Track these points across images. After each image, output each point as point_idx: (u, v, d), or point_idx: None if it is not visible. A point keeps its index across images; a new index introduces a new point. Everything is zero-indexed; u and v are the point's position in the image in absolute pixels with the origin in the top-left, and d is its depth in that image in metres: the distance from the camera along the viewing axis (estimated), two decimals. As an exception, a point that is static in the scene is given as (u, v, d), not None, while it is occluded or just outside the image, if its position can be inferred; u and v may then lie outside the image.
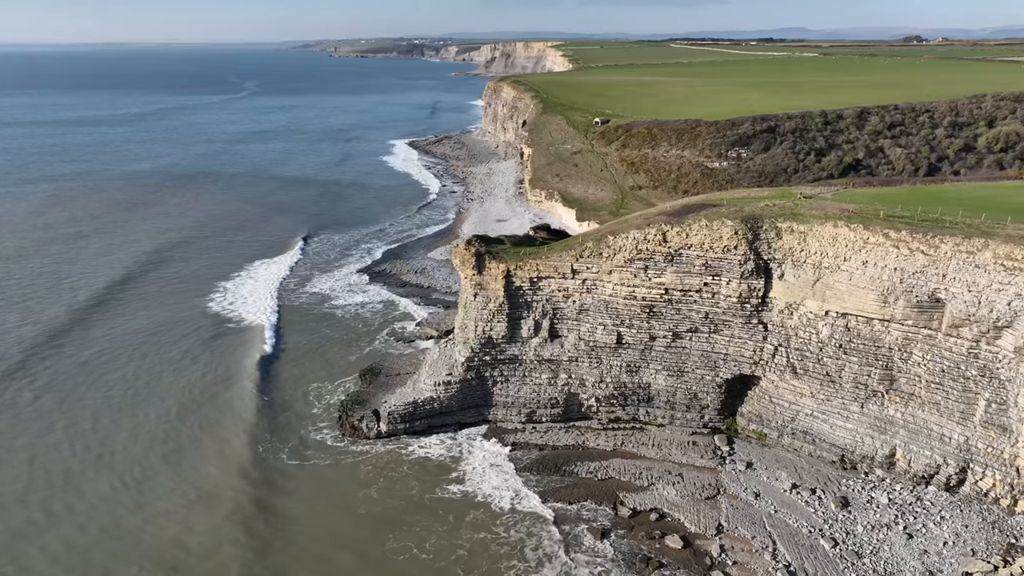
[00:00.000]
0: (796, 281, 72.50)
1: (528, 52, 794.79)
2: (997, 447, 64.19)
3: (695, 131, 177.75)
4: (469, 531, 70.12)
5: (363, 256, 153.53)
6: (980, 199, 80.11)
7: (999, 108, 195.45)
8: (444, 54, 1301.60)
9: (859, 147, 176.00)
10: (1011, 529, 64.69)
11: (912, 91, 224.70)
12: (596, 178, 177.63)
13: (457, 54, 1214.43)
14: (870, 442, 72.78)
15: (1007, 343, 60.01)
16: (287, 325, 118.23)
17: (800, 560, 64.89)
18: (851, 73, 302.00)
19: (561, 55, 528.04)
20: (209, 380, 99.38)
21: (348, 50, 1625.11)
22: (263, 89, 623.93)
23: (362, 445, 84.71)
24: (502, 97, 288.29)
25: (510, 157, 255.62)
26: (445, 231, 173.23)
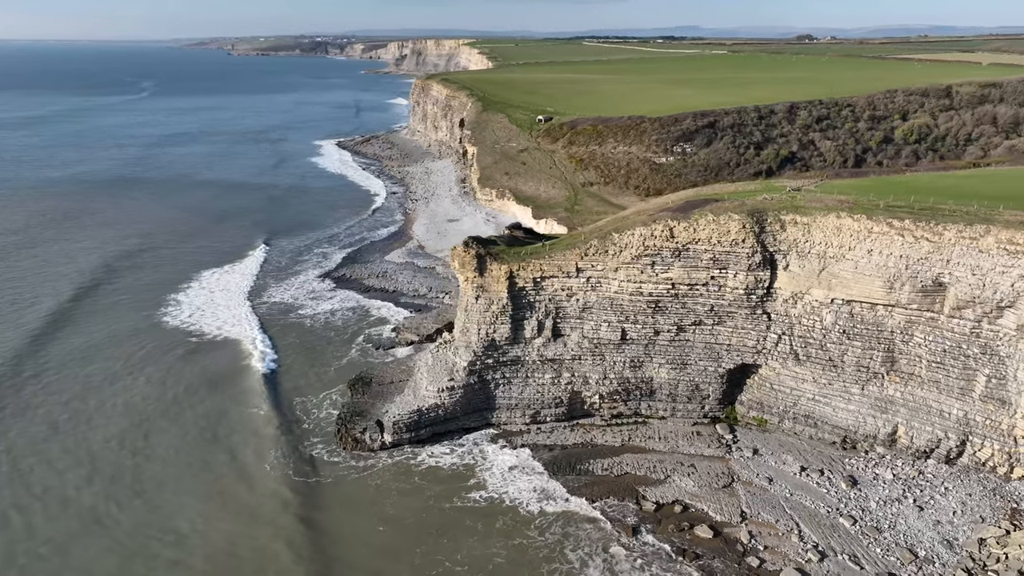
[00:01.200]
0: (801, 271, 75.43)
1: (440, 50, 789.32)
2: (995, 419, 68.96)
3: (640, 127, 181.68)
4: (502, 538, 69.15)
5: (319, 262, 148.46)
6: (947, 188, 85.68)
7: (910, 102, 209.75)
8: (349, 52, 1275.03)
9: (792, 140, 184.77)
10: (1010, 495, 69.63)
11: (826, 86, 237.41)
12: (546, 175, 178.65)
13: (363, 52, 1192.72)
14: (872, 422, 76.61)
15: (1009, 321, 64.64)
16: (252, 338, 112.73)
17: (826, 540, 67.59)
18: (764, 70, 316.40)
19: (478, 52, 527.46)
20: (194, 399, 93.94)
21: (247, 48, 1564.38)
22: (163, 89, 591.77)
23: (366, 458, 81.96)
24: (432, 96, 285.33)
25: (446, 156, 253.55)
26: (397, 233, 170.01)
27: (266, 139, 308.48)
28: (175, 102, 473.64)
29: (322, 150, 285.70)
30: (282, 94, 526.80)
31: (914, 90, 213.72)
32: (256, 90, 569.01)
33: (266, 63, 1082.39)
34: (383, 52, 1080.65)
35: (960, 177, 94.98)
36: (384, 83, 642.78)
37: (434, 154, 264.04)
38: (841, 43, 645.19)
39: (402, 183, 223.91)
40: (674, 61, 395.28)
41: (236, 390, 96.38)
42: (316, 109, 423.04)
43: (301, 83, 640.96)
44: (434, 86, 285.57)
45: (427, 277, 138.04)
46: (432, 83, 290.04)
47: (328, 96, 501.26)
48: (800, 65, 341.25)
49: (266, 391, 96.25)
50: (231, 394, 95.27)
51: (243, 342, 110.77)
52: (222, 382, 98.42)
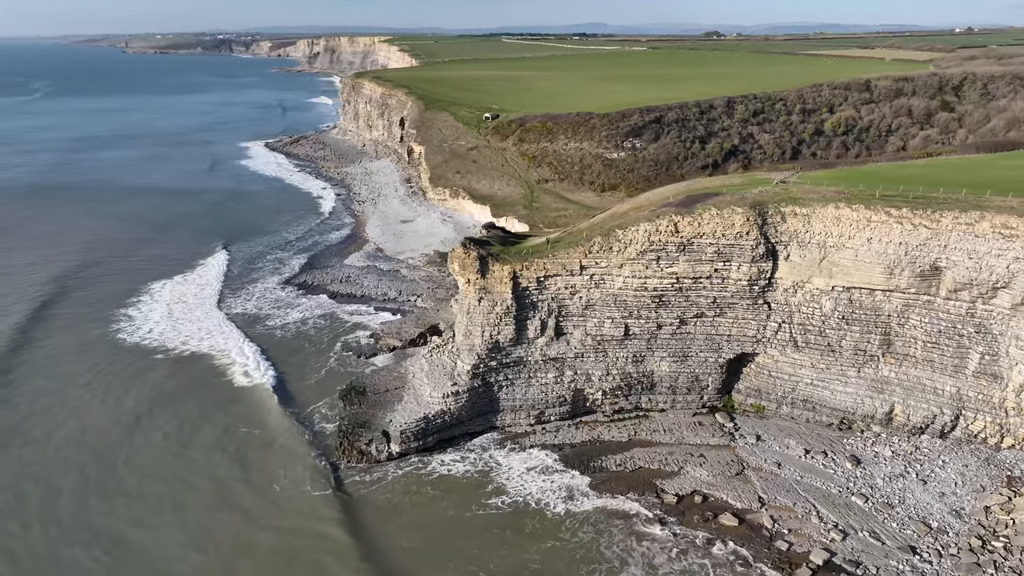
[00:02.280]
0: (802, 261, 78.01)
1: (354, 47, 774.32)
2: (987, 393, 73.49)
3: (589, 123, 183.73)
4: (534, 542, 68.41)
5: (277, 268, 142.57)
6: (917, 176, 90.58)
7: (835, 96, 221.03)
8: (256, 50, 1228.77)
9: (733, 134, 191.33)
10: (1002, 463, 74.34)
11: (754, 81, 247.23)
12: (499, 173, 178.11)
13: (271, 50, 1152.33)
14: (869, 402, 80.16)
15: (1003, 301, 68.97)
16: (226, 352, 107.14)
17: (844, 519, 70.24)
18: (690, 66, 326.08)
19: (398, 50, 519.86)
20: (176, 420, 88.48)
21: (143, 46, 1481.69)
22: (59, 89, 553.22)
23: (374, 471, 79.37)
24: (364, 94, 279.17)
25: (384, 156, 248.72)
26: (351, 236, 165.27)
27: (189, 142, 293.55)
28: (75, 103, 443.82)
29: (250, 152, 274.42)
30: (194, 94, 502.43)
31: (838, 84, 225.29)
32: (163, 90, 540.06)
33: (167, 62, 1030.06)
34: (292, 50, 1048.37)
35: (920, 167, 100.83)
36: (300, 82, 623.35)
37: (370, 154, 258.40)
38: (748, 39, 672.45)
39: (343, 185, 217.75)
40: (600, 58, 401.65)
41: (220, 408, 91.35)
42: (234, 109, 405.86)
43: (211, 82, 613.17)
44: (366, 84, 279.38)
45: (393, 280, 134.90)
46: (363, 81, 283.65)
47: (245, 96, 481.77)
48: (721, 61, 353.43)
49: (251, 407, 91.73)
50: (215, 413, 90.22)
51: (215, 356, 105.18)
52: (202, 401, 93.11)
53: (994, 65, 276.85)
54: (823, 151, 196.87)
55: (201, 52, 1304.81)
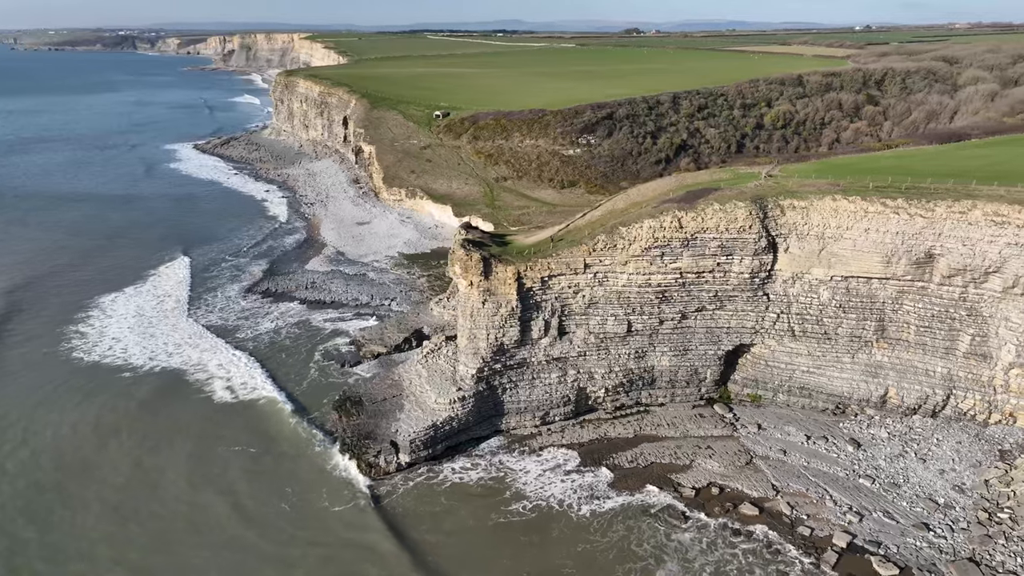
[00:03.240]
0: (801, 253, 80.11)
1: (272, 44, 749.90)
2: (977, 373, 77.50)
3: (543, 120, 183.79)
4: (564, 546, 67.65)
5: (236, 276, 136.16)
6: (891, 167, 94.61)
7: (771, 90, 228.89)
8: (163, 47, 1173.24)
9: (681, 129, 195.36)
10: (992, 438, 78.57)
11: (692, 77, 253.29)
12: (456, 172, 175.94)
13: (179, 47, 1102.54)
14: (864, 386, 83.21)
15: (995, 285, 72.81)
16: (201, 366, 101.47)
17: (856, 500, 72.60)
18: (626, 62, 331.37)
19: (322, 47, 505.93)
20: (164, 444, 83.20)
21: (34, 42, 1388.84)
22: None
23: (384, 483, 76.75)
24: (299, 93, 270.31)
25: (324, 156, 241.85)
26: (307, 240, 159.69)
27: (112, 145, 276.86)
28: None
29: (179, 155, 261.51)
30: (106, 94, 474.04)
31: (773, 79, 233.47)
32: (71, 90, 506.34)
33: (66, 60, 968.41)
34: (203, 47, 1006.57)
35: (889, 158, 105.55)
36: (217, 80, 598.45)
37: (310, 154, 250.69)
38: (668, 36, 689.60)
39: (287, 187, 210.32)
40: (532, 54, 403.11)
41: (209, 427, 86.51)
42: (154, 110, 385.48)
43: (121, 81, 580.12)
44: (300, 83, 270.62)
45: (362, 284, 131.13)
46: (298, 80, 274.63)
47: (162, 96, 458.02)
48: (654, 57, 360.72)
49: (244, 423, 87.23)
50: (205, 432, 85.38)
51: (189, 371, 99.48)
52: (187, 420, 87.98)
53: (907, 61, 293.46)
54: (765, 144, 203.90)
55: (101, 49, 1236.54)
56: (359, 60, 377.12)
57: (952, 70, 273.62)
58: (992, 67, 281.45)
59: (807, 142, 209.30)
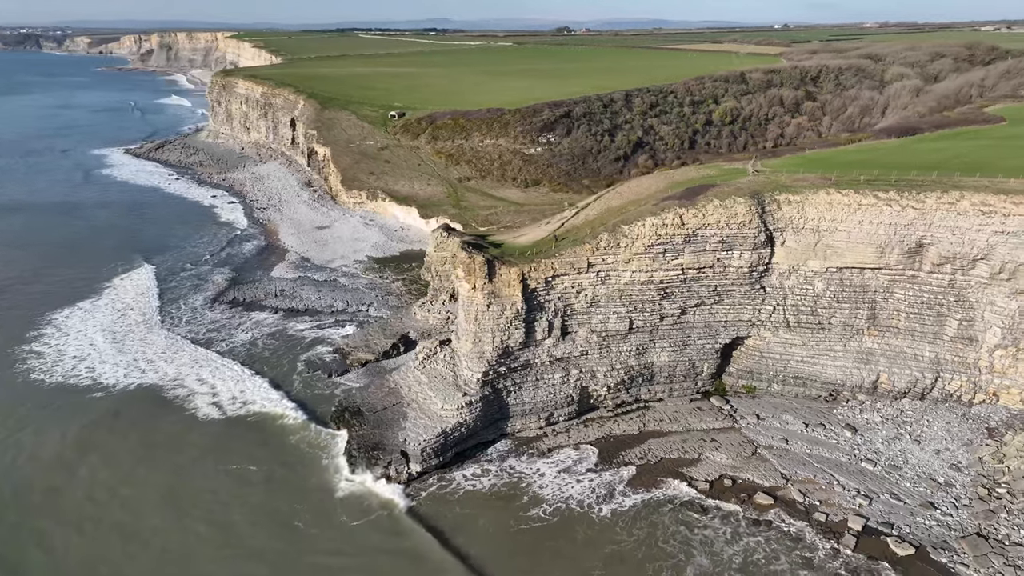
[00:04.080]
0: (797, 246, 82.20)
1: (194, 43, 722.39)
2: (963, 356, 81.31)
3: (502, 120, 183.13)
4: (591, 548, 67.35)
5: (198, 286, 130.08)
6: (865, 161, 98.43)
7: (717, 87, 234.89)
8: (71, 46, 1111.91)
9: (636, 126, 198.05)
10: (978, 416, 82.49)
11: (639, 75, 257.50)
12: (417, 173, 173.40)
13: (91, 46, 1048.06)
14: (857, 373, 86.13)
15: (982, 271, 76.50)
16: (179, 381, 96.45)
17: (863, 484, 75.02)
18: (570, 61, 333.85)
19: (252, 46, 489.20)
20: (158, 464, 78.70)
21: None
22: None
23: (393, 493, 74.64)
24: (239, 93, 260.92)
25: (270, 159, 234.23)
26: (266, 247, 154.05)
27: (35, 151, 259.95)
28: None
29: (111, 160, 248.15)
30: (18, 96, 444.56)
31: (718, 76, 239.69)
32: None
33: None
34: (116, 47, 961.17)
35: (856, 152, 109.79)
36: (138, 81, 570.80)
37: (253, 157, 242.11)
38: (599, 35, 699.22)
39: (234, 192, 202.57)
40: (475, 53, 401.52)
41: (202, 445, 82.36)
42: (75, 113, 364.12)
43: (33, 83, 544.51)
44: (240, 83, 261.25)
45: (334, 291, 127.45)
46: (237, 80, 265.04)
47: (82, 98, 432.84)
48: (597, 56, 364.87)
49: (238, 440, 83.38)
50: (198, 452, 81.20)
51: (168, 387, 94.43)
52: (175, 439, 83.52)
53: (837, 58, 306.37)
54: (715, 140, 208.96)
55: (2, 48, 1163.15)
56: (294, 60, 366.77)
57: (879, 67, 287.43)
58: (913, 64, 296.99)
59: (754, 137, 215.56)
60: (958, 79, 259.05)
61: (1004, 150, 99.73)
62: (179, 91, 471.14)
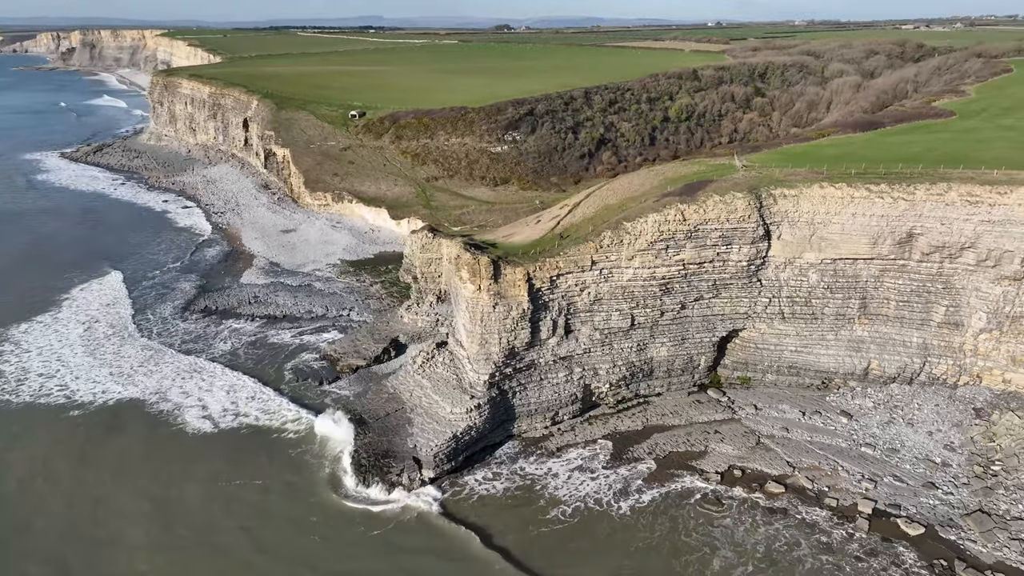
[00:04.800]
0: (793, 239, 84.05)
1: (120, 42, 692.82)
2: (949, 340, 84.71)
3: (466, 118, 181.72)
4: (616, 548, 67.28)
5: (165, 295, 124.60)
6: (839, 155, 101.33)
7: (671, 84, 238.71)
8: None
9: (597, 124, 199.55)
10: (963, 398, 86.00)
11: (593, 73, 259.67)
12: (383, 173, 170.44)
13: (3, 44, 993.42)
14: (849, 361, 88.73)
15: (968, 259, 79.79)
16: (162, 394, 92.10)
17: (866, 469, 77.33)
18: (517, 59, 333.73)
19: (186, 45, 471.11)
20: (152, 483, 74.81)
21: None
22: None
23: (409, 500, 73.11)
24: (183, 94, 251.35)
25: (220, 161, 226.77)
26: (231, 253, 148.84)
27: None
28: None
29: (45, 165, 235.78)
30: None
31: (671, 73, 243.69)
32: None
33: None
34: (32, 44, 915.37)
35: (829, 145, 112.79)
36: (61, 81, 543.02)
37: (201, 160, 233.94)
38: (540, 32, 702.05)
39: (186, 196, 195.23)
40: (423, 51, 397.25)
41: (194, 459, 78.84)
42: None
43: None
44: (184, 83, 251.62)
45: (311, 296, 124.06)
46: (180, 80, 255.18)
47: (2, 99, 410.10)
48: (547, 54, 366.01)
49: (233, 455, 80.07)
50: (196, 469, 77.66)
51: (151, 401, 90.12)
52: (167, 457, 79.68)
53: (780, 55, 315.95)
54: (673, 136, 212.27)
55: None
56: (235, 59, 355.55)
57: (819, 63, 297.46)
58: (850, 60, 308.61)
59: (709, 133, 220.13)
60: (893, 75, 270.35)
61: (970, 143, 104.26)
62: (110, 91, 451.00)
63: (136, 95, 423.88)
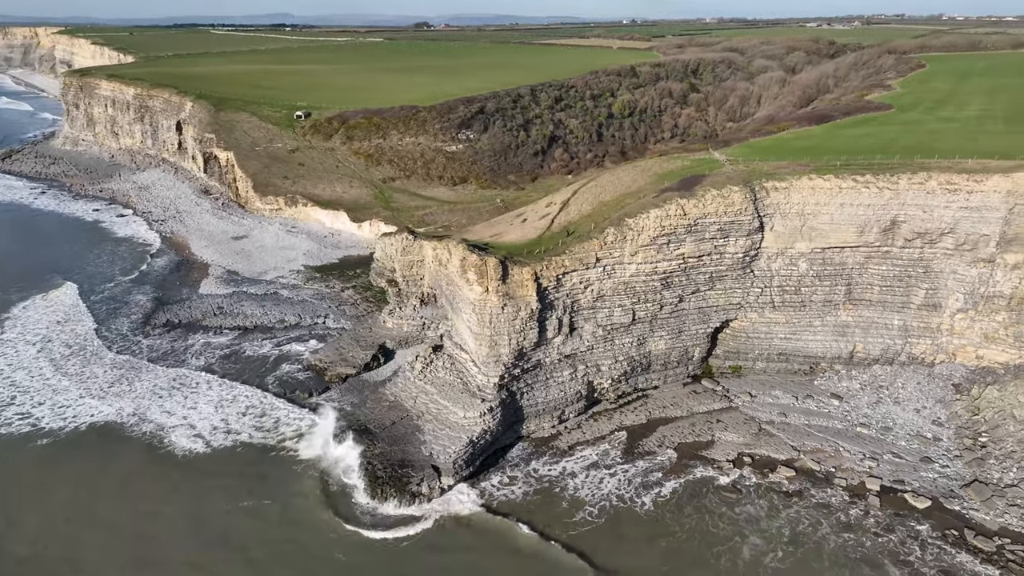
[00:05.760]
0: (785, 230, 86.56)
1: (9, 39, 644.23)
2: (928, 321, 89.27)
3: (418, 117, 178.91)
4: (647, 544, 67.50)
5: (119, 310, 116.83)
6: (807, 148, 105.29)
7: (612, 81, 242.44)
8: None
9: (546, 121, 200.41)
10: (940, 375, 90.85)
11: (532, 71, 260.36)
12: (336, 175, 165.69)
13: None
14: (835, 345, 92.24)
15: (948, 243, 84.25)
16: (141, 415, 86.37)
17: (865, 448, 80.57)
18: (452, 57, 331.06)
19: (90, 43, 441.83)
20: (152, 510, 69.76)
21: None
22: None
23: (430, 514, 71.15)
24: (103, 96, 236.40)
25: (150, 167, 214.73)
26: (182, 262, 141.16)
27: None
28: None
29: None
30: None
31: (611, 71, 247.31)
32: None
33: None
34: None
35: (795, 137, 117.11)
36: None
37: (128, 165, 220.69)
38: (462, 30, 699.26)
39: (117, 203, 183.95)
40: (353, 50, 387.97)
41: (192, 482, 74.32)
42: None
43: None
44: (103, 84, 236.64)
45: (279, 304, 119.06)
46: (99, 81, 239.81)
47: None
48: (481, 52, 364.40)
49: (234, 477, 75.88)
50: (194, 491, 73.13)
51: (129, 423, 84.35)
52: (160, 480, 74.70)
53: (707, 52, 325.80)
54: (618, 132, 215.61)
55: None
56: (151, 58, 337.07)
57: (745, 60, 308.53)
58: (772, 56, 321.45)
59: (652, 128, 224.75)
60: (814, 70, 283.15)
61: (924, 134, 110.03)
62: (8, 93, 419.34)
63: (37, 97, 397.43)
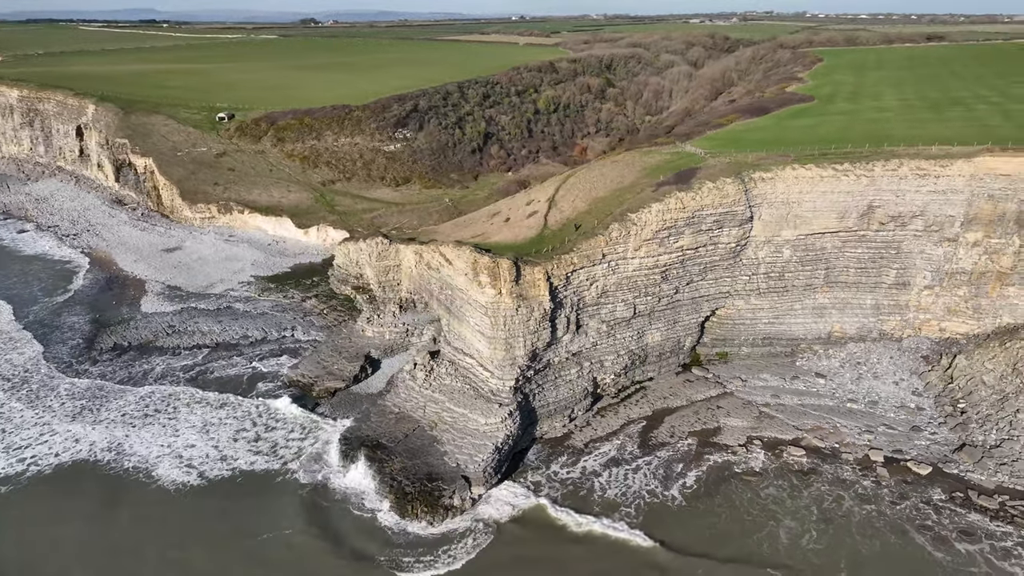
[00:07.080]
0: (772, 218, 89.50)
1: None
2: (898, 299, 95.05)
3: (352, 117, 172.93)
4: (692, 537, 67.93)
5: (50, 336, 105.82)
6: (772, 139, 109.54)
7: (534, 77, 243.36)
8: None
9: (478, 117, 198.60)
10: (909, 348, 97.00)
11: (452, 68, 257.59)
12: (271, 179, 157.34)
13: None
14: (815, 327, 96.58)
15: (918, 225, 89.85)
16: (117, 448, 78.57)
17: (859, 422, 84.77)
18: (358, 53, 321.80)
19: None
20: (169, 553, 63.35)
21: None
22: None
23: (465, 529, 68.82)
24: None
25: (46, 176, 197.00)
26: (111, 279, 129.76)
27: None
28: None
29: None
30: None
31: (532, 67, 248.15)
32: None
33: None
34: None
35: (748, 128, 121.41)
36: None
37: (17, 176, 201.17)
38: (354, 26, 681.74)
39: (14, 217, 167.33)
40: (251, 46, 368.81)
41: (202, 524, 68.22)
42: None
43: None
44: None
45: (238, 319, 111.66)
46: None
47: None
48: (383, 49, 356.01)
49: (239, 505, 70.40)
50: (204, 528, 67.24)
51: (104, 461, 76.44)
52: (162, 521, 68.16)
53: (613, 47, 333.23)
54: (547, 128, 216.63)
55: None
56: (20, 57, 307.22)
57: (651, 54, 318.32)
58: (675, 51, 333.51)
59: (577, 124, 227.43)
60: (717, 64, 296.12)
61: (869, 123, 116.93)
62: None
63: None
